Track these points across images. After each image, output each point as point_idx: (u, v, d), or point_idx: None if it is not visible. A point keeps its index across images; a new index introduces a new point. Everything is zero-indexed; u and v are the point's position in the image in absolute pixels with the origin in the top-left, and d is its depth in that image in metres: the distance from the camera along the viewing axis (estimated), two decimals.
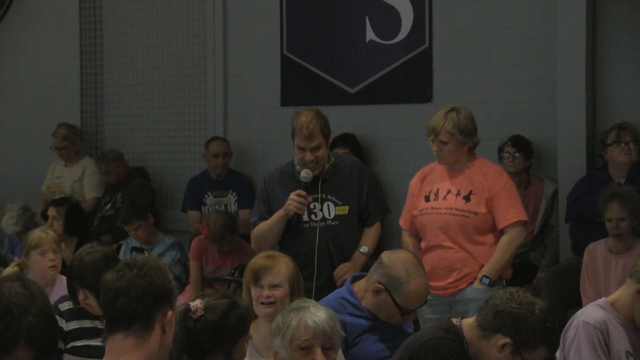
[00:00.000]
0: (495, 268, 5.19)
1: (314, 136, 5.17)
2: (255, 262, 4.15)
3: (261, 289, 4.06)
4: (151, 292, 2.88)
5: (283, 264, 4.12)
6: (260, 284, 4.07)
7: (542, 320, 3.50)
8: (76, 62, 8.65)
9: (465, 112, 5.29)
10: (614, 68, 6.55)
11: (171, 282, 2.91)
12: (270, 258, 4.14)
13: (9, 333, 2.62)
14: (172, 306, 2.91)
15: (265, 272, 4.08)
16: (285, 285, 4.07)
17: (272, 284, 4.07)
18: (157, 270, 2.91)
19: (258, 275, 4.08)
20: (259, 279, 4.08)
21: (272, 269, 4.08)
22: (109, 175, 8.10)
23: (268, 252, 4.31)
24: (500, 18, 6.86)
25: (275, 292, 4.05)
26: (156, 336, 2.87)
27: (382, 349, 4.27)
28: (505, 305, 3.56)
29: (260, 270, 4.09)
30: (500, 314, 3.55)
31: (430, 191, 5.35)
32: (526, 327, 3.50)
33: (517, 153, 6.52)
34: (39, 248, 5.40)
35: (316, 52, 7.56)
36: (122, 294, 2.85)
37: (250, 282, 4.11)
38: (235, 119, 7.97)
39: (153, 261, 2.95)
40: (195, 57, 8.14)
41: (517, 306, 3.54)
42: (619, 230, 5.59)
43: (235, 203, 7.68)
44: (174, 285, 2.96)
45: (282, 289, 4.06)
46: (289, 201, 5.15)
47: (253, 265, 4.14)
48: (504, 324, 3.53)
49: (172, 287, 2.91)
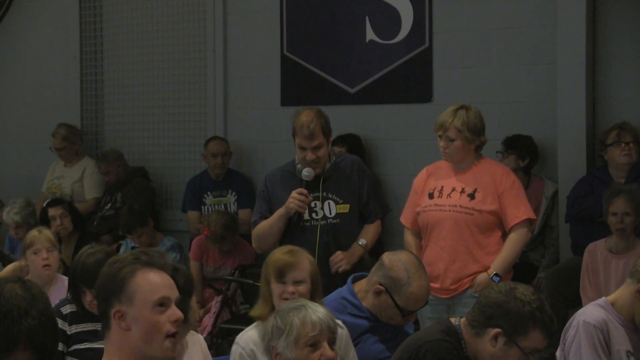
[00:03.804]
0: (505, 265, 5.19)
1: (314, 135, 5.18)
2: (277, 257, 4.10)
3: (284, 284, 4.03)
4: (101, 289, 2.89)
5: (306, 259, 4.09)
6: (284, 280, 4.03)
7: (525, 302, 3.47)
8: (76, 62, 8.64)
9: (475, 111, 5.30)
10: (614, 68, 6.56)
11: (123, 278, 2.84)
12: (292, 254, 4.10)
13: (8, 335, 2.62)
14: (125, 303, 2.83)
15: (290, 268, 4.04)
16: (308, 281, 4.04)
17: (296, 279, 4.03)
18: (109, 266, 2.90)
19: (282, 271, 4.04)
20: (283, 275, 4.04)
21: (296, 265, 4.04)
22: (109, 175, 8.09)
23: (288, 247, 4.24)
24: (500, 18, 6.86)
25: (299, 288, 4.01)
26: (116, 335, 2.84)
27: (382, 350, 4.27)
28: (486, 298, 3.57)
29: (284, 266, 4.05)
30: (485, 307, 3.55)
31: (435, 188, 5.34)
32: (511, 311, 3.48)
33: (507, 152, 6.53)
34: (32, 247, 5.41)
35: (316, 52, 7.56)
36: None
37: (272, 278, 4.07)
38: (235, 119, 7.97)
39: (116, 257, 2.95)
40: (195, 57, 8.14)
41: (497, 295, 3.54)
42: (623, 224, 5.59)
43: (235, 203, 7.68)
44: (132, 280, 2.85)
45: (306, 284, 4.03)
46: (290, 199, 5.16)
47: (276, 261, 4.09)
48: (490, 316, 3.52)
49: (121, 283, 2.84)
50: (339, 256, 5.20)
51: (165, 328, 2.82)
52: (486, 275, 5.17)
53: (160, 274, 2.87)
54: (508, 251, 5.20)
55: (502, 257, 5.19)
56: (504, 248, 5.21)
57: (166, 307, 2.84)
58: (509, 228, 5.23)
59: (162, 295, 2.84)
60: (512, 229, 5.23)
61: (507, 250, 5.20)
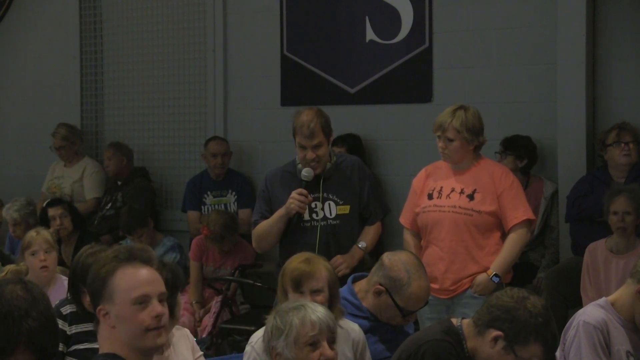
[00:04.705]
0: (505, 265, 5.18)
1: (314, 134, 5.18)
2: (294, 267, 4.07)
3: (302, 294, 3.99)
4: (88, 287, 2.95)
5: (323, 268, 4.06)
6: (301, 289, 4.01)
7: (533, 313, 3.48)
8: (76, 62, 8.64)
9: (474, 111, 5.29)
10: (614, 68, 6.56)
11: (104, 277, 2.88)
12: (309, 263, 4.07)
13: (9, 336, 2.62)
14: (107, 302, 2.88)
15: (307, 278, 4.01)
16: (326, 289, 4.02)
17: (313, 289, 4.00)
18: (94, 265, 2.94)
19: (300, 281, 4.02)
20: (300, 285, 4.01)
21: (313, 275, 4.02)
22: (111, 163, 8.03)
23: (305, 254, 4.19)
24: (500, 18, 6.86)
25: (317, 298, 3.97)
26: (106, 330, 2.89)
27: (382, 350, 4.27)
28: (498, 299, 3.57)
29: (301, 276, 4.02)
30: (493, 308, 3.55)
31: (434, 189, 5.34)
32: (516, 319, 3.48)
33: (505, 153, 6.53)
34: (30, 248, 5.42)
35: (316, 52, 7.57)
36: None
37: (290, 288, 4.04)
38: (235, 119, 7.97)
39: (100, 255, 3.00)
40: (195, 57, 8.14)
41: (508, 299, 3.54)
42: (624, 223, 5.60)
43: (235, 203, 7.68)
44: (111, 279, 2.89)
45: (324, 293, 4.01)
46: (291, 199, 5.16)
47: (292, 271, 4.06)
48: (495, 317, 3.53)
49: (102, 282, 2.88)
50: (338, 260, 5.19)
51: (146, 324, 2.86)
52: (486, 275, 5.17)
53: (142, 269, 2.90)
54: (507, 252, 5.20)
55: (501, 258, 5.19)
56: (504, 248, 5.21)
57: (146, 304, 2.87)
58: (509, 228, 5.23)
59: (141, 293, 2.87)
60: (512, 229, 5.22)
61: (507, 250, 5.20)
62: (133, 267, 2.89)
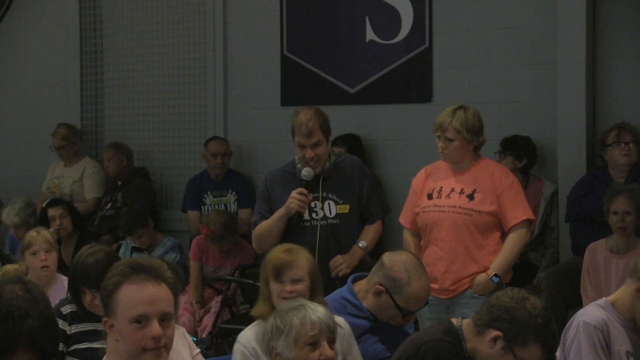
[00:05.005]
0: (505, 265, 5.18)
1: (313, 133, 5.18)
2: (275, 257, 4.09)
3: (282, 284, 4.01)
4: (100, 293, 2.92)
5: (303, 257, 4.07)
6: (281, 279, 4.02)
7: (533, 314, 3.48)
8: (76, 62, 8.65)
9: (473, 111, 5.29)
10: (614, 68, 6.56)
11: (110, 290, 2.85)
12: (289, 252, 4.08)
13: (9, 336, 2.62)
14: (111, 315, 2.86)
15: (287, 267, 4.02)
16: (307, 279, 4.02)
17: (293, 278, 4.01)
18: (109, 271, 2.92)
19: (280, 270, 4.02)
20: (280, 274, 4.02)
21: (293, 264, 4.03)
22: (111, 164, 8.04)
23: (286, 245, 4.23)
24: (500, 18, 6.86)
25: (297, 287, 3.99)
26: (110, 341, 2.89)
27: (382, 350, 4.28)
28: (497, 299, 3.58)
29: (281, 266, 4.03)
30: (493, 308, 3.56)
31: (434, 189, 5.34)
32: (516, 320, 3.48)
33: (505, 153, 6.53)
34: (31, 248, 5.42)
35: (316, 52, 7.57)
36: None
37: (271, 277, 4.06)
38: (235, 119, 7.97)
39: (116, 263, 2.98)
40: (195, 57, 8.14)
41: (508, 300, 3.55)
42: (624, 223, 5.60)
43: (235, 203, 7.68)
44: (115, 294, 2.86)
45: (304, 282, 4.01)
46: (290, 199, 5.16)
47: (273, 260, 4.08)
48: (495, 317, 3.53)
49: (108, 294, 2.85)
50: (338, 260, 5.20)
51: (143, 343, 2.81)
52: (485, 275, 5.17)
53: (148, 286, 2.84)
54: (507, 251, 5.20)
55: (501, 258, 5.19)
56: (503, 248, 5.21)
57: (145, 323, 2.82)
58: (508, 228, 5.23)
59: (139, 313, 2.82)
60: (511, 229, 5.23)
61: (507, 250, 5.20)
62: (139, 284, 2.83)
